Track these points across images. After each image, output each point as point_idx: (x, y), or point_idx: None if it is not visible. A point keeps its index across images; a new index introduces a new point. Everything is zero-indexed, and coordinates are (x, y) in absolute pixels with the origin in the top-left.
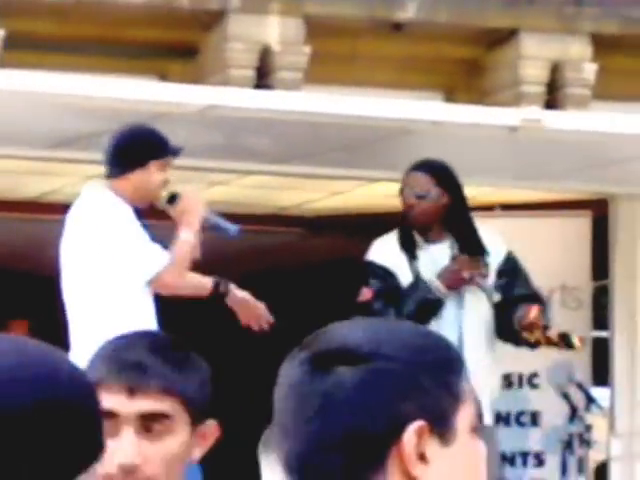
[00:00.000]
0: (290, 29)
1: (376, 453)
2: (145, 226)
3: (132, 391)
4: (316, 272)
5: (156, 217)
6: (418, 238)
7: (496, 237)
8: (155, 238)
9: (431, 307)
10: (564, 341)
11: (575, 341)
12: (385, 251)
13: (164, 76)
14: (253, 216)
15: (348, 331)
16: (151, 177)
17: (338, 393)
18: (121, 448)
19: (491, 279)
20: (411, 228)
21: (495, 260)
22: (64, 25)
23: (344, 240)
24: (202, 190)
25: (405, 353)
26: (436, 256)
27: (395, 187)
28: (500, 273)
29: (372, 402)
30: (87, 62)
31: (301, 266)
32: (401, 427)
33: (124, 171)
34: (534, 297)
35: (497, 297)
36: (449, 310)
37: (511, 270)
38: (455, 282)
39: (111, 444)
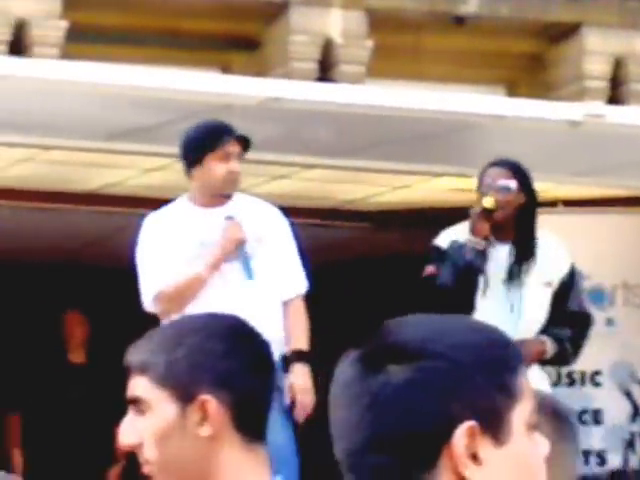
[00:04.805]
0: (352, 22)
1: (427, 453)
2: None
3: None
4: (379, 266)
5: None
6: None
7: (562, 248)
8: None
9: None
10: None
11: None
12: (451, 238)
13: (227, 68)
14: (315, 210)
15: (401, 329)
16: (210, 172)
17: (387, 392)
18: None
19: (552, 287)
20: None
21: (558, 271)
22: (127, 17)
23: (407, 234)
24: (264, 184)
25: (456, 351)
26: (499, 256)
27: (458, 181)
28: (563, 285)
29: (420, 401)
30: (150, 54)
31: (364, 260)
32: (451, 427)
33: (188, 171)
34: (581, 316)
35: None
36: (509, 302)
37: (571, 284)
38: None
39: None
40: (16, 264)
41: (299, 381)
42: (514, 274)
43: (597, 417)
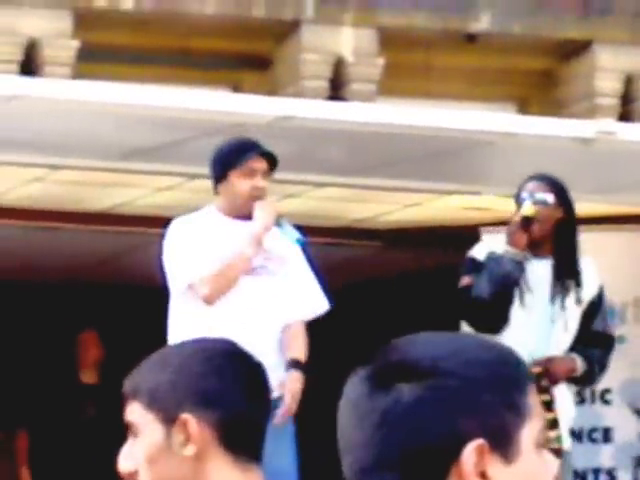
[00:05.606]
0: (363, 40)
1: (435, 471)
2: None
3: None
4: (390, 285)
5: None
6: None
7: (593, 268)
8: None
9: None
10: None
11: None
12: (488, 250)
13: (238, 87)
14: (326, 229)
15: (410, 347)
16: (234, 188)
17: (396, 410)
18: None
19: (580, 308)
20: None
21: (589, 291)
22: (138, 36)
23: (419, 253)
24: (275, 202)
25: (466, 369)
26: (539, 272)
27: (469, 199)
28: (591, 305)
29: (430, 419)
30: (161, 73)
31: (375, 279)
32: (460, 445)
33: (215, 186)
34: (604, 337)
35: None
36: (543, 321)
37: (599, 305)
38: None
39: None
40: (27, 284)
41: (291, 385)
42: (556, 291)
43: (607, 435)
